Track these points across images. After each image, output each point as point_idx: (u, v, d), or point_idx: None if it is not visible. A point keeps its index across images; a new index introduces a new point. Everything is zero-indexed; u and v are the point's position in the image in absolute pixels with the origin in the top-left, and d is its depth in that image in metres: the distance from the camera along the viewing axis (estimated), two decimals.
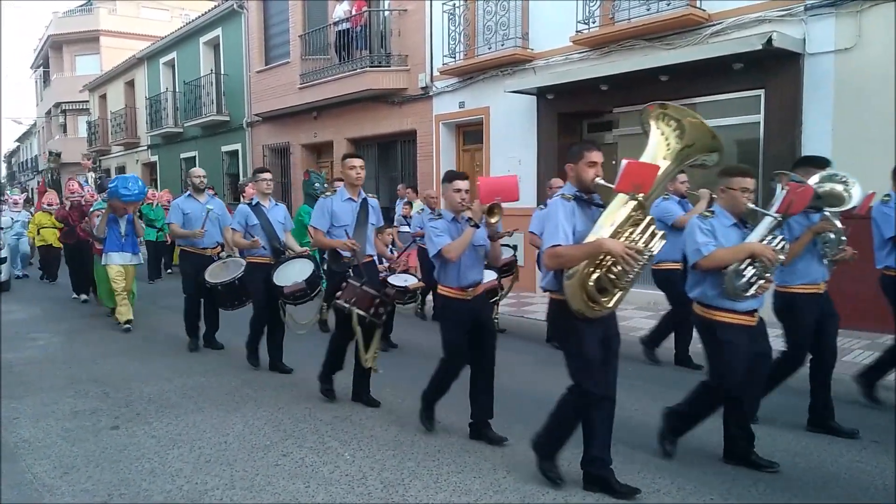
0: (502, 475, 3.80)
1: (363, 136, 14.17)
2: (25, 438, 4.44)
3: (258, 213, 6.07)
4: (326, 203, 5.13)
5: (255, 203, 6.14)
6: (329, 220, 5.07)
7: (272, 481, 3.75)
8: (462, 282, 4.24)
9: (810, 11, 7.38)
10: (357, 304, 4.74)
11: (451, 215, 4.30)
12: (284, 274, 5.71)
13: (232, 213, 6.99)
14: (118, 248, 7.89)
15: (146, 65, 23.18)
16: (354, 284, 4.79)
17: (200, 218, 6.87)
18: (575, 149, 3.59)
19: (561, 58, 9.91)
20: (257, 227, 6.04)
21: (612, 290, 3.40)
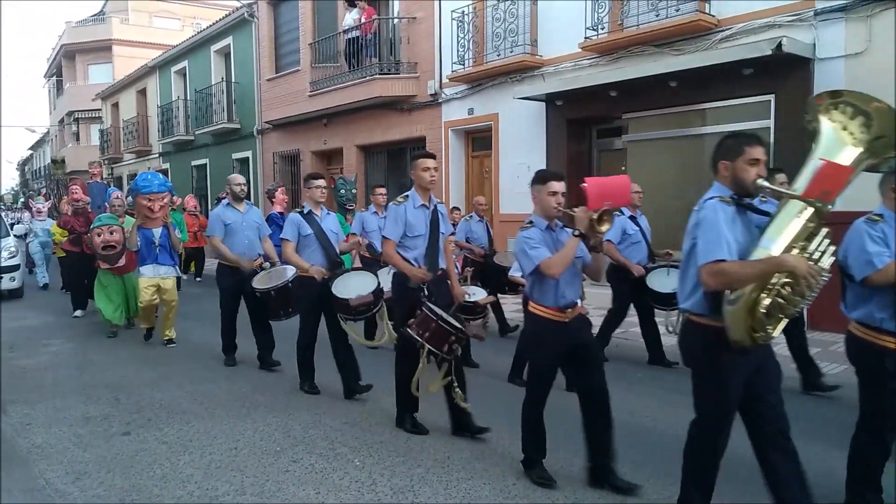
0: (511, 482, 3.80)
1: (373, 143, 14.24)
2: (38, 444, 4.47)
3: (311, 222, 5.56)
4: (399, 211, 4.51)
5: (306, 211, 5.62)
6: (402, 230, 4.50)
7: (282, 487, 3.75)
8: (560, 301, 3.69)
9: (820, 16, 7.37)
10: (431, 340, 4.20)
11: (544, 223, 3.75)
12: (344, 287, 5.30)
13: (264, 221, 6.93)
14: (152, 260, 7.30)
15: (158, 73, 23.40)
16: (430, 317, 4.23)
17: (241, 229, 6.50)
18: (730, 142, 2.99)
19: (570, 64, 9.93)
20: (311, 237, 5.53)
21: (779, 316, 2.84)
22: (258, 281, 6.19)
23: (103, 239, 7.81)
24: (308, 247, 5.51)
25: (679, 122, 9.06)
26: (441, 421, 4.77)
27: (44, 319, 9.52)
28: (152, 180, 7.39)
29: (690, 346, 3.09)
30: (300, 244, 5.51)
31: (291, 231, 5.49)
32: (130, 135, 25.43)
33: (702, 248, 2.83)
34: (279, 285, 5.97)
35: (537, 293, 3.74)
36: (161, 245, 7.30)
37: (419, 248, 4.53)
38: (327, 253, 5.54)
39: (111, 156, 27.35)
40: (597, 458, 3.70)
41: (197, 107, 20.07)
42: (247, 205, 6.73)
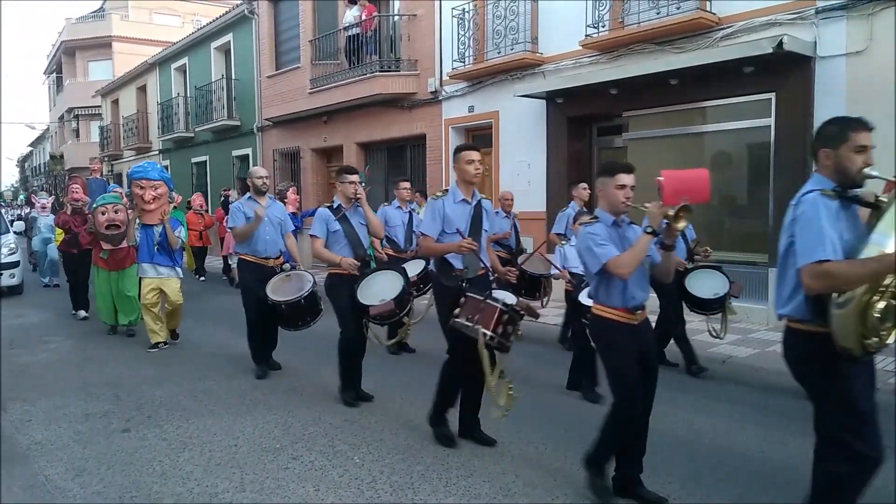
0: (511, 479, 3.80)
1: (373, 141, 14.23)
2: (38, 441, 4.48)
3: (340, 217, 5.24)
4: (437, 205, 4.29)
5: (336, 206, 5.27)
6: (440, 225, 4.27)
7: (282, 484, 3.76)
8: (629, 302, 3.41)
9: (821, 14, 7.35)
10: (483, 321, 3.86)
11: (610, 218, 3.49)
12: (369, 290, 4.98)
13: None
14: (149, 259, 7.06)
15: (158, 70, 23.37)
16: (476, 298, 3.96)
17: (262, 223, 6.14)
18: (833, 129, 2.73)
19: (570, 62, 9.91)
20: (339, 233, 5.21)
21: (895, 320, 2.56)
22: (272, 288, 5.85)
23: (108, 217, 7.56)
24: (336, 243, 5.21)
25: (680, 121, 9.05)
26: None
27: (44, 316, 9.53)
28: (147, 168, 7.17)
29: (797, 359, 2.78)
30: (328, 241, 5.22)
31: (320, 227, 5.20)
32: (130, 132, 25.41)
33: (801, 248, 2.57)
34: (291, 301, 5.67)
35: (603, 294, 3.45)
36: (159, 244, 7.02)
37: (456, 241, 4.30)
38: (356, 250, 5.22)
39: (111, 153, 27.34)
40: (628, 470, 3.54)
41: (197, 104, 20.05)
42: (269, 199, 6.40)
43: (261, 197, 6.29)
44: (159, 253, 7.04)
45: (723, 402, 5.30)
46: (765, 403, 5.21)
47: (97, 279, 8.02)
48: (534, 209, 10.28)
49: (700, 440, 4.47)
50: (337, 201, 5.32)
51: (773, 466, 4.03)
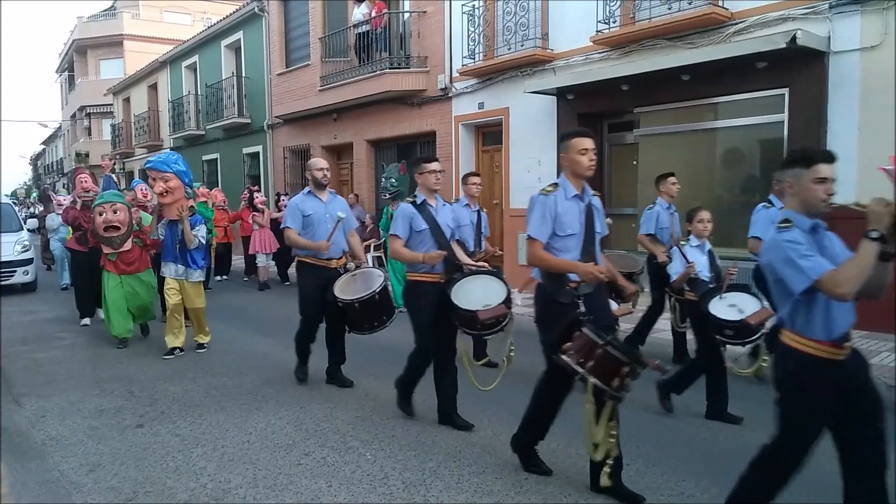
0: (524, 476, 3.79)
1: (382, 138, 14.23)
2: (53, 436, 4.51)
3: (425, 214, 4.57)
4: (548, 203, 3.54)
5: (420, 202, 4.61)
6: (551, 227, 3.55)
7: (294, 480, 3.77)
8: (833, 332, 2.68)
9: (835, 9, 7.29)
10: (596, 371, 3.22)
11: (808, 221, 2.74)
12: (466, 294, 4.34)
13: None
14: (172, 258, 6.65)
15: (169, 68, 23.47)
16: (593, 340, 3.26)
17: (323, 220, 5.53)
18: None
19: (581, 58, 9.87)
20: (425, 233, 4.53)
21: None
22: (340, 287, 5.31)
23: (105, 219, 6.92)
24: (421, 245, 4.54)
25: (691, 117, 8.99)
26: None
27: (57, 313, 9.59)
28: (159, 157, 6.75)
29: None
30: (411, 242, 4.56)
31: (403, 226, 4.55)
32: (142, 129, 25.57)
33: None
34: (364, 297, 5.09)
35: (802, 321, 2.71)
36: (182, 242, 6.60)
37: (571, 251, 3.58)
38: (443, 249, 4.58)
39: (123, 150, 27.52)
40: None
41: (207, 101, 20.14)
42: (330, 194, 5.78)
43: (321, 191, 5.68)
44: (181, 251, 6.64)
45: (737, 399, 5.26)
46: None
47: (107, 285, 7.17)
48: None
49: (715, 438, 4.45)
50: (420, 196, 4.63)
51: None
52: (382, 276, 5.29)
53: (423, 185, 4.69)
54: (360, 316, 5.16)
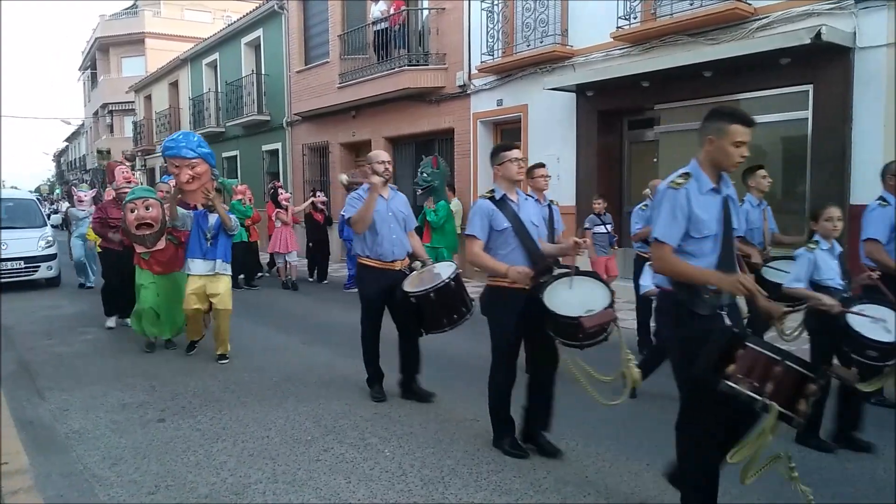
0: (542, 474, 3.78)
1: (401, 135, 14.24)
2: (76, 430, 4.57)
3: (506, 211, 4.01)
4: (679, 198, 2.93)
5: (499, 197, 4.05)
6: (684, 227, 2.94)
7: (313, 476, 3.79)
8: None
9: (861, 4, 7.16)
10: (778, 394, 2.67)
11: None
12: (562, 300, 3.77)
13: None
14: (200, 253, 6.16)
15: (189, 66, 23.67)
16: (767, 356, 2.71)
17: (386, 220, 5.06)
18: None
19: (601, 54, 9.80)
20: (507, 232, 3.97)
21: None
22: (410, 284, 4.82)
23: (137, 216, 6.48)
24: (505, 246, 3.98)
25: None
26: (471, 413, 4.77)
27: (80, 308, 9.72)
28: (179, 142, 6.02)
29: None
30: (491, 243, 4.02)
31: (481, 225, 4.00)
32: (163, 126, 25.82)
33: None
34: (440, 284, 4.56)
35: None
36: (213, 236, 6.13)
37: (708, 255, 2.96)
38: (531, 254, 3.98)
39: (144, 147, 27.83)
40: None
41: (227, 99, 20.28)
42: (391, 190, 5.25)
43: (383, 187, 5.23)
44: (212, 246, 6.15)
45: None
46: None
47: (140, 281, 6.76)
48: (563, 203, 10.17)
49: None
50: (499, 190, 4.06)
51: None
52: (453, 265, 4.85)
53: (504, 176, 4.10)
54: (436, 309, 4.60)
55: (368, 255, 5.07)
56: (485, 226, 4.01)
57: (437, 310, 4.60)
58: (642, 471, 3.84)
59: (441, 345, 7.07)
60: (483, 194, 4.13)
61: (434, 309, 4.60)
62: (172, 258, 6.76)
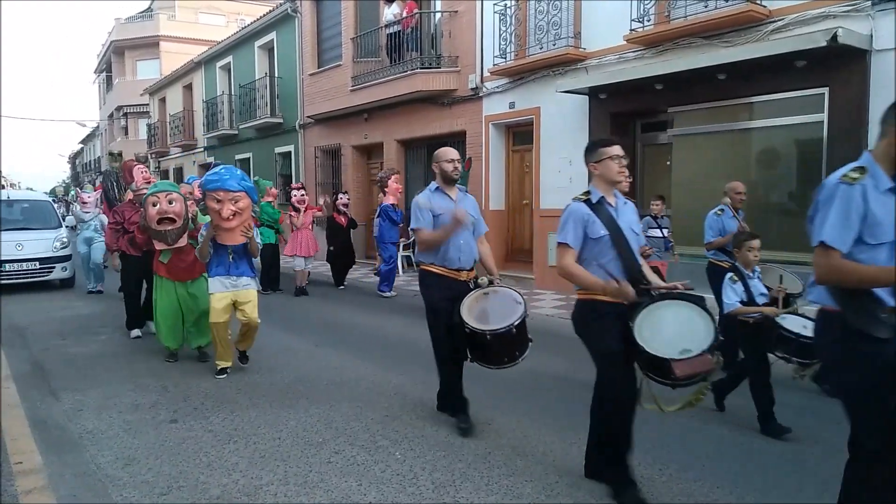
0: (554, 479, 3.75)
1: (413, 138, 14.26)
2: (89, 430, 4.60)
3: (602, 215, 3.48)
4: (854, 196, 2.52)
5: (596, 200, 3.49)
6: (857, 230, 2.53)
7: (325, 478, 3.78)
8: None
9: (877, 6, 7.10)
10: None
11: None
12: (656, 328, 3.27)
13: None
14: (224, 271, 5.78)
15: (203, 69, 23.84)
16: None
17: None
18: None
19: (614, 57, 9.77)
20: (604, 240, 3.45)
21: None
22: (469, 309, 4.31)
23: (160, 209, 6.09)
24: (600, 256, 3.44)
25: (727, 117, 8.83)
26: (483, 416, 4.76)
27: (94, 309, 9.79)
28: (222, 174, 5.62)
29: None
30: (585, 252, 3.46)
31: (574, 232, 3.44)
32: (177, 129, 26.03)
33: None
34: (500, 330, 4.09)
35: None
36: (235, 252, 5.78)
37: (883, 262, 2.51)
38: (628, 266, 3.44)
39: (158, 150, 28.05)
40: None
41: (241, 101, 20.41)
42: (460, 191, 4.74)
43: (450, 188, 4.66)
44: (235, 263, 5.81)
45: None
46: None
47: (159, 291, 6.47)
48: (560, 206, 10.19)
49: (751, 444, 4.36)
50: (596, 192, 3.50)
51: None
52: (522, 303, 4.26)
53: (602, 176, 3.53)
54: (489, 349, 4.21)
55: (433, 262, 4.56)
56: (578, 233, 3.46)
57: (489, 350, 4.23)
58: (655, 476, 3.80)
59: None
60: (577, 196, 3.58)
61: (486, 349, 4.22)
62: (194, 262, 6.40)
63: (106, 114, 40.97)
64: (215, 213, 5.56)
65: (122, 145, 35.19)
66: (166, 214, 6.12)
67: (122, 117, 36.97)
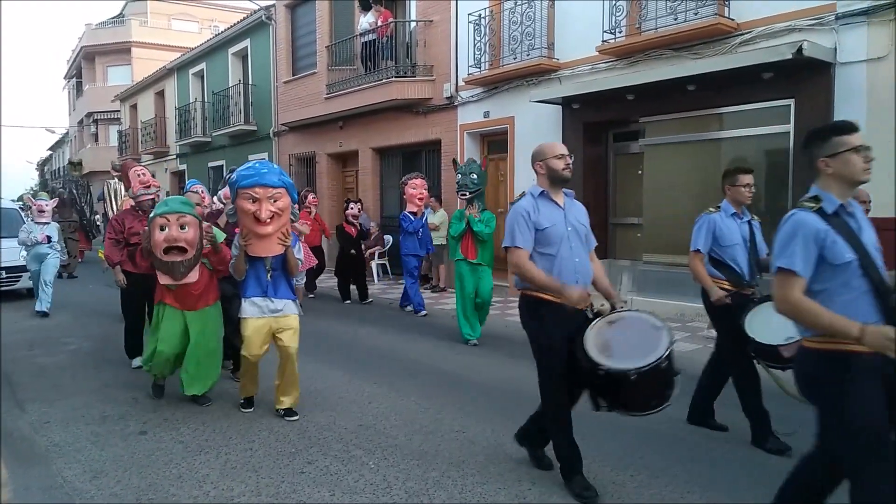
0: (527, 486, 3.77)
1: (388, 146, 14.27)
2: (56, 442, 4.51)
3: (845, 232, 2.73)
4: None
5: (834, 210, 2.65)
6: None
7: (297, 489, 3.76)
8: None
9: (841, 20, 7.29)
10: None
11: None
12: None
13: None
14: (260, 291, 4.80)
15: (176, 75, 23.61)
16: None
17: (565, 237, 3.60)
18: None
19: (587, 67, 9.89)
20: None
21: None
22: (595, 345, 3.40)
23: (168, 236, 4.86)
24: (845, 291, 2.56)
25: (697, 126, 8.99)
26: (457, 424, 4.76)
27: (62, 318, 9.61)
28: (259, 169, 4.59)
29: None
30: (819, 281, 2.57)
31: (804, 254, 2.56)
32: (148, 136, 25.72)
33: None
34: (648, 366, 3.22)
35: None
36: (273, 269, 4.79)
37: None
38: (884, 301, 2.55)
39: (129, 157, 27.62)
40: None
41: (214, 108, 20.25)
42: (566, 196, 3.78)
43: (556, 190, 3.72)
44: (275, 281, 4.82)
45: None
46: None
47: (162, 316, 5.22)
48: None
49: (721, 448, 4.42)
50: (832, 199, 2.68)
51: None
52: (663, 326, 3.43)
53: (839, 176, 2.69)
54: (634, 391, 3.34)
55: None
56: (810, 256, 2.55)
57: (635, 391, 3.36)
58: (627, 481, 3.84)
59: (423, 356, 7.09)
60: (804, 202, 2.70)
61: (631, 390, 3.35)
62: (207, 289, 5.23)
63: (76, 120, 40.28)
64: (249, 217, 4.55)
65: (92, 152, 34.72)
66: (176, 243, 4.86)
67: (93, 124, 36.38)
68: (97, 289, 12.82)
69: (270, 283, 4.78)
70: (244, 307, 4.82)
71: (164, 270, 4.96)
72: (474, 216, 7.75)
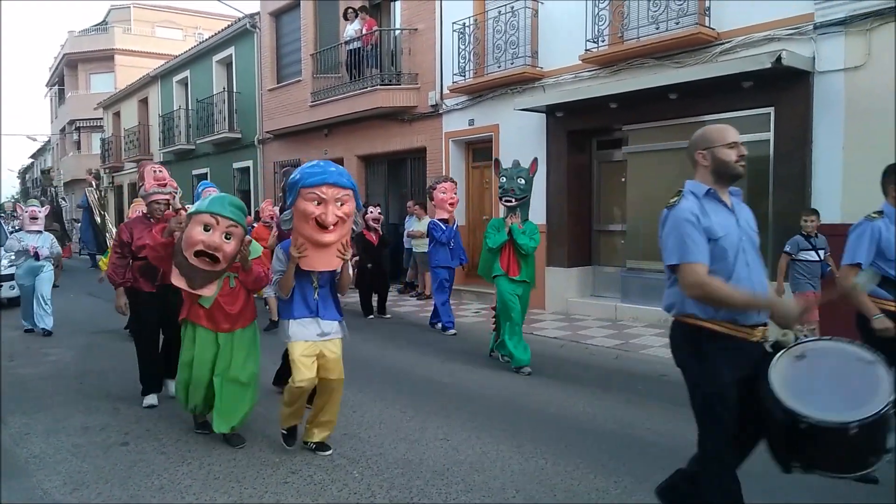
0: (511, 494, 3.78)
1: (373, 154, 14.29)
2: (36, 454, 4.46)
3: None
4: None
5: None
6: None
7: (281, 499, 3.74)
8: None
9: (820, 30, 7.41)
10: None
11: None
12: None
13: None
14: (309, 312, 4.21)
15: (160, 83, 23.50)
16: None
17: (740, 247, 2.79)
18: None
19: (570, 76, 9.97)
20: None
21: None
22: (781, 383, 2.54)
23: (210, 241, 4.26)
24: None
25: (679, 134, 9.06)
26: (441, 433, 4.76)
27: None
28: (327, 166, 4.04)
29: None
30: None
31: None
32: (132, 143, 25.54)
33: None
34: (874, 415, 2.36)
35: None
36: (320, 286, 4.24)
37: None
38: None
39: (112, 165, 27.46)
40: None
41: (198, 116, 20.18)
42: (733, 196, 3.00)
43: (722, 188, 2.94)
44: (322, 301, 4.25)
45: None
46: None
47: (192, 342, 4.58)
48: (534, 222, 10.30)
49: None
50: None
51: None
52: (876, 360, 2.53)
53: None
54: (847, 447, 2.45)
55: (714, 315, 2.68)
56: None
57: (850, 447, 2.45)
58: (610, 488, 3.86)
59: (408, 363, 7.08)
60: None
61: (843, 447, 2.46)
62: (244, 308, 4.61)
63: (58, 128, 39.92)
64: (310, 222, 3.93)
65: (74, 160, 34.43)
66: (213, 251, 4.27)
67: (75, 131, 36.08)
68: (78, 298, 12.69)
69: (319, 300, 4.23)
70: (292, 328, 4.19)
71: (182, 271, 4.38)
72: (518, 226, 6.73)
